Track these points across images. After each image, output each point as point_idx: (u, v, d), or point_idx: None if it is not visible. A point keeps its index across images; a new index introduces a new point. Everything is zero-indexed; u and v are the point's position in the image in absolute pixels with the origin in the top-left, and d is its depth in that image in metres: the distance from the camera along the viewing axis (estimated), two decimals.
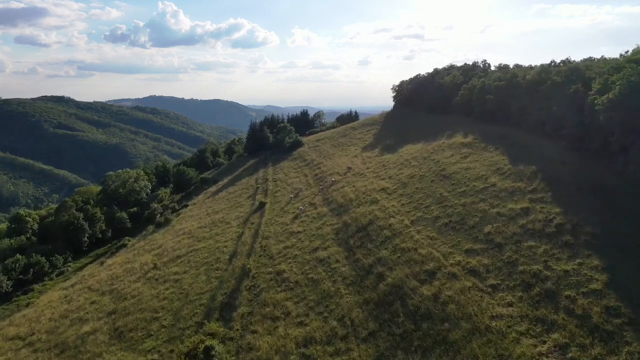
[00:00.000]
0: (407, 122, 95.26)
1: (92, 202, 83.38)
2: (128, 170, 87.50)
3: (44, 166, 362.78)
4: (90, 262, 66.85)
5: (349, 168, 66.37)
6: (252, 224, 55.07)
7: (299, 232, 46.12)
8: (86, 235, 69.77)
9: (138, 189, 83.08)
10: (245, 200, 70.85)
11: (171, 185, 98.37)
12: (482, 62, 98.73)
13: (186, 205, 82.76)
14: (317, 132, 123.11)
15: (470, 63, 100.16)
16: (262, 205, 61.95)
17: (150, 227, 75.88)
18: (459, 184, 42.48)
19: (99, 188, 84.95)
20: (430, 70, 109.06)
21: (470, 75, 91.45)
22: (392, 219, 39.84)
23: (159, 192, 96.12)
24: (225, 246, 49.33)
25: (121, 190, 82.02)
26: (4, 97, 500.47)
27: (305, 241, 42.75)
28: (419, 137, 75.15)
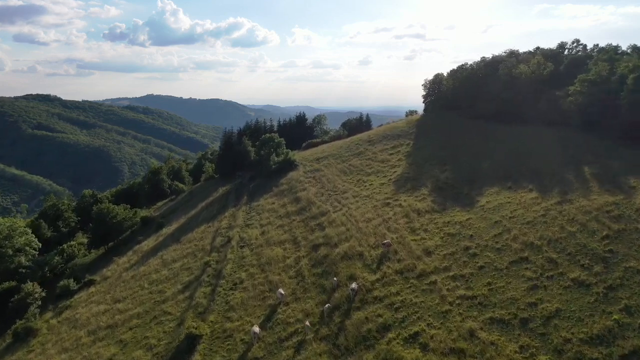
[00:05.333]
0: (457, 135, 60.38)
1: None
2: None
3: (16, 171, 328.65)
4: None
5: (387, 245, 31.30)
6: None
7: None
8: None
9: (10, 251, 48.18)
10: (177, 294, 36.16)
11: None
12: (573, 42, 63.59)
13: (91, 282, 47.94)
14: (318, 143, 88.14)
15: (555, 46, 64.87)
16: (190, 345, 27.00)
17: (9, 335, 41.21)
18: None
19: None
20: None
21: (569, 62, 56.70)
22: None
23: (72, 242, 61.30)
24: None
25: None
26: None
27: None
28: (508, 170, 40.40)
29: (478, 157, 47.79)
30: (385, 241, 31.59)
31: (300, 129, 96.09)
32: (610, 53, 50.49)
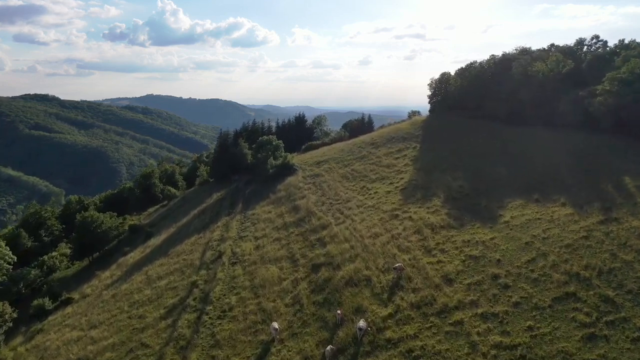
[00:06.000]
0: (467, 138, 56.13)
1: None
2: None
3: (12, 172, 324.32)
4: None
5: (399, 270, 26.92)
6: None
7: None
8: None
9: None
10: (158, 320, 31.84)
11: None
12: (592, 38, 59.14)
13: (68, 301, 43.63)
14: (318, 145, 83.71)
15: (572, 43, 60.30)
16: None
17: None
18: None
19: None
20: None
21: (591, 59, 52.33)
22: None
23: (54, 254, 57.02)
24: None
25: None
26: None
27: None
28: (528, 178, 36.02)
29: (492, 163, 43.49)
30: (397, 265, 27.15)
31: (299, 131, 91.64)
32: (638, 49, 46.18)
